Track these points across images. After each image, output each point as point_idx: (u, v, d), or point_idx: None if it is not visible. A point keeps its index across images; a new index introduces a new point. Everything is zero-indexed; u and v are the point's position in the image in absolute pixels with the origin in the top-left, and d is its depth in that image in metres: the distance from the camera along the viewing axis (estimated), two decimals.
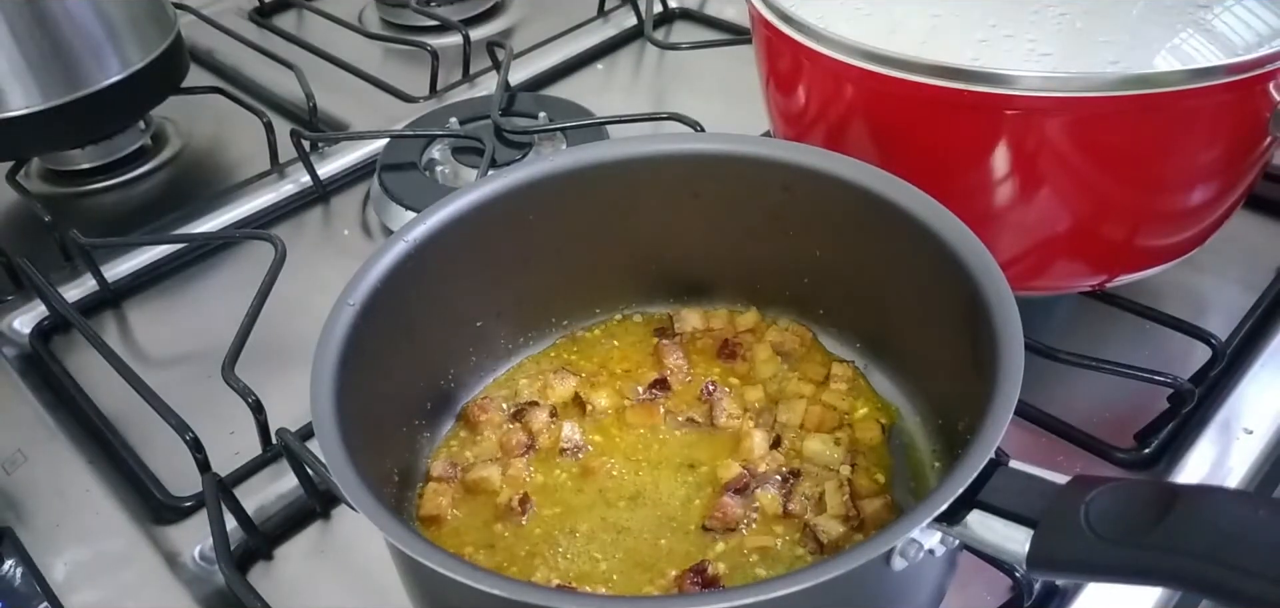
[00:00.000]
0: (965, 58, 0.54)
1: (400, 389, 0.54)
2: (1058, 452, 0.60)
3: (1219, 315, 0.67)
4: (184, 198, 0.89)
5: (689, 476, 0.54)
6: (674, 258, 0.62)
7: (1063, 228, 0.58)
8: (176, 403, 0.63)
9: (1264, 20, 0.55)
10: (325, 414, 0.44)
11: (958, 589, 0.47)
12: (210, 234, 0.82)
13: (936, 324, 0.52)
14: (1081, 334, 0.65)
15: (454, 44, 1.04)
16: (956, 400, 0.49)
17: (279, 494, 0.61)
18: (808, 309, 0.61)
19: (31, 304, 0.76)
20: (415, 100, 0.99)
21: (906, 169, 0.54)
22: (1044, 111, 0.53)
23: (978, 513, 0.39)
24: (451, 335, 0.58)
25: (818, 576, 0.36)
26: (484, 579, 0.38)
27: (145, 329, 0.76)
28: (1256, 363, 0.63)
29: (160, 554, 0.58)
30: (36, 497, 0.62)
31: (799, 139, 0.64)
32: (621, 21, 1.09)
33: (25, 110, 0.81)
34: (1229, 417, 0.60)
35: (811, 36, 0.59)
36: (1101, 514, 0.36)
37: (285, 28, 1.15)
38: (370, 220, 0.84)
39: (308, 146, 0.88)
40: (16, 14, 0.79)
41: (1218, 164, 0.57)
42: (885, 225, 0.53)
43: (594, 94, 0.96)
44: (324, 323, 0.48)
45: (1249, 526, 0.34)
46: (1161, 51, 0.54)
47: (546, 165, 0.58)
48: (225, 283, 0.79)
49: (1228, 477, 0.57)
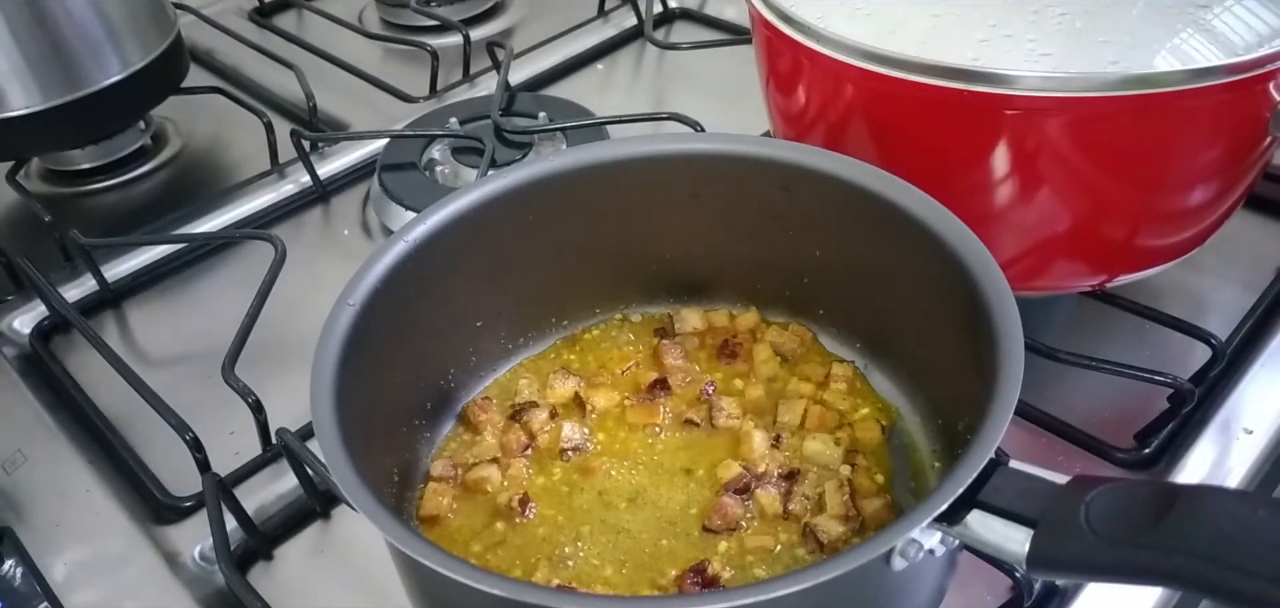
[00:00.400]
0: (965, 58, 0.54)
1: (400, 389, 0.54)
2: (1058, 452, 0.59)
3: (1219, 315, 0.67)
4: (184, 198, 0.89)
5: (689, 476, 0.54)
6: (674, 258, 0.62)
7: (1063, 228, 0.58)
8: (176, 403, 0.63)
9: (1264, 20, 0.55)
10: (325, 414, 0.44)
11: (958, 589, 0.47)
12: (210, 234, 0.82)
13: (936, 324, 0.52)
14: (1081, 334, 0.65)
15: (454, 44, 1.04)
16: (956, 400, 0.49)
17: (279, 494, 0.61)
18: (808, 309, 0.61)
19: (31, 304, 0.76)
20: (415, 100, 0.99)
21: (907, 169, 0.53)
22: (1044, 111, 0.53)
23: (978, 513, 0.39)
24: (451, 335, 0.58)
25: (818, 576, 0.36)
26: (484, 579, 0.38)
27: (145, 329, 0.76)
28: (1256, 363, 0.63)
29: (160, 554, 0.58)
30: (36, 497, 0.62)
31: (799, 139, 0.64)
32: (621, 21, 1.09)
33: (25, 110, 0.81)
34: (1229, 417, 0.60)
35: (811, 36, 0.59)
36: (1101, 514, 0.36)
37: (285, 28, 1.15)
38: (370, 220, 0.84)
39: (308, 147, 0.88)
40: (16, 14, 0.79)
41: (1218, 164, 0.57)
42: (885, 226, 0.53)
43: (594, 94, 0.96)
44: (324, 323, 0.48)
45: (1249, 525, 0.34)
46: (1161, 51, 0.53)
47: (546, 165, 0.58)
48: (225, 283, 0.79)
49: (1228, 477, 0.57)
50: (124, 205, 0.91)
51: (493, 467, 0.54)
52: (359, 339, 0.48)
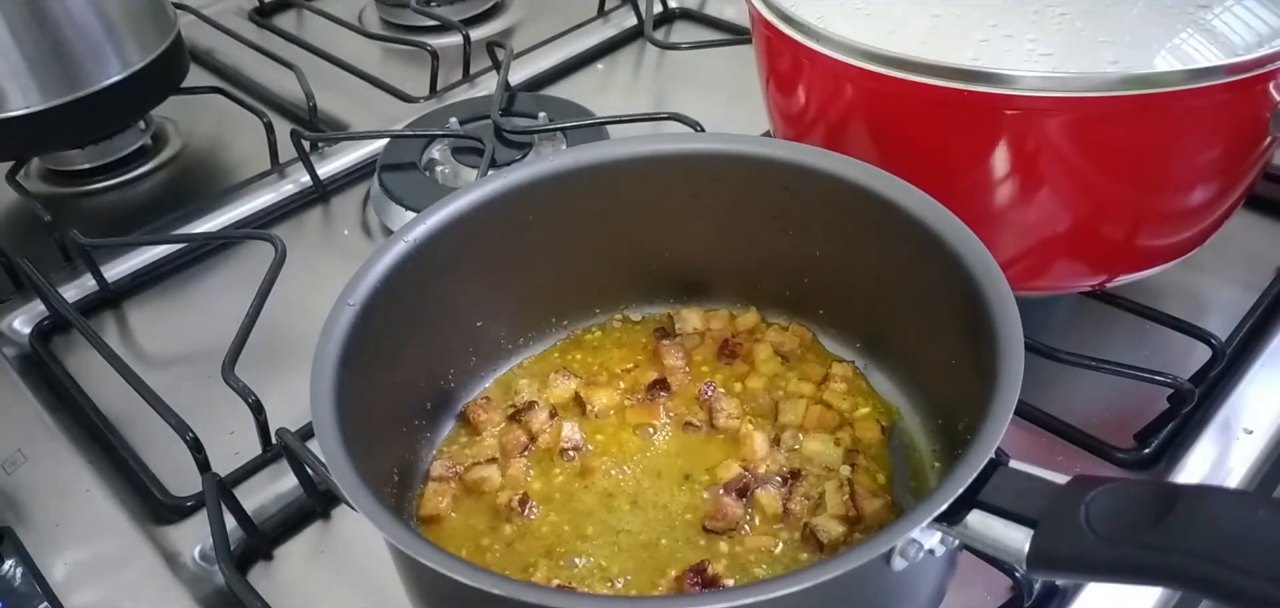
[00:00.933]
0: (965, 58, 0.54)
1: (400, 389, 0.54)
2: (1058, 452, 0.59)
3: (1219, 315, 0.67)
4: (184, 198, 0.89)
5: (689, 477, 0.53)
6: (674, 258, 0.62)
7: (1063, 228, 0.58)
8: (176, 403, 0.63)
9: (1264, 20, 0.55)
10: (325, 414, 0.44)
11: (958, 590, 0.47)
12: (210, 234, 0.82)
13: (936, 324, 0.51)
14: (1081, 334, 0.65)
15: (454, 44, 1.03)
16: (956, 400, 0.49)
17: (279, 495, 0.61)
18: (808, 309, 0.61)
19: (31, 304, 0.76)
20: (415, 100, 0.99)
21: (906, 169, 0.53)
22: (1044, 111, 0.53)
23: (978, 513, 0.39)
24: (451, 335, 0.58)
25: (818, 576, 0.36)
26: (484, 579, 0.38)
27: (145, 329, 0.76)
28: (1256, 363, 0.63)
29: (160, 554, 0.58)
30: (36, 497, 0.62)
31: (799, 139, 0.64)
32: (621, 21, 1.09)
33: (25, 110, 0.81)
34: (1229, 417, 0.60)
35: (811, 36, 0.59)
36: (1101, 514, 0.36)
37: (285, 28, 1.15)
38: (370, 220, 0.84)
39: (308, 146, 0.88)
40: (16, 14, 0.79)
41: (1218, 164, 0.57)
42: (885, 225, 0.53)
43: (594, 94, 0.96)
44: (324, 323, 0.48)
45: (1249, 525, 0.34)
46: (1161, 51, 0.53)
47: (546, 165, 0.58)
48: (225, 283, 0.79)
49: (1228, 477, 0.57)
50: (124, 205, 0.91)
51: (492, 467, 0.54)
52: (359, 339, 0.48)
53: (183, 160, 0.96)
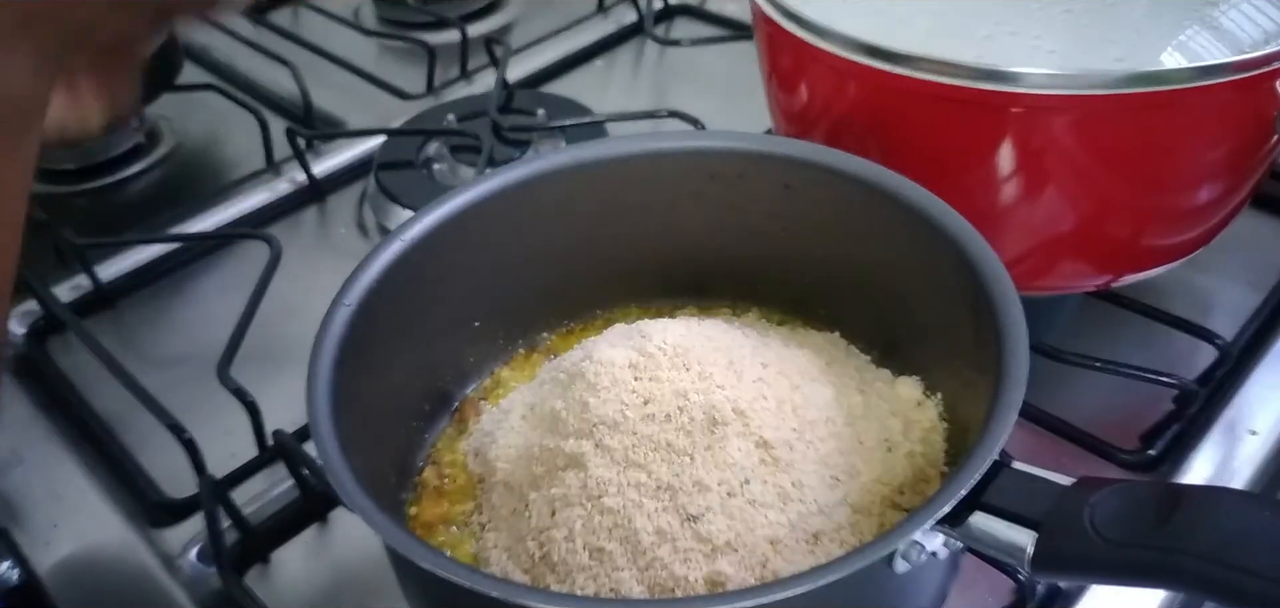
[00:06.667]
0: (969, 55, 0.53)
1: (397, 390, 0.53)
2: (1062, 453, 0.59)
3: (1225, 316, 0.66)
4: (178, 197, 0.89)
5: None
6: (674, 257, 0.61)
7: (1067, 227, 0.58)
8: (172, 404, 0.62)
9: (1271, 17, 0.55)
10: (321, 415, 0.44)
11: (960, 592, 0.47)
12: (205, 234, 0.82)
13: (939, 324, 0.51)
14: (1086, 335, 0.65)
15: (451, 40, 1.03)
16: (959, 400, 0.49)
17: (275, 496, 0.60)
18: (809, 309, 0.60)
19: (25, 305, 0.76)
20: (412, 98, 0.98)
21: (910, 167, 0.53)
22: (1049, 109, 0.53)
23: (981, 515, 0.38)
24: (449, 335, 0.57)
25: (819, 578, 0.36)
26: (482, 580, 0.38)
27: (140, 330, 0.76)
28: (1262, 364, 0.62)
29: (156, 556, 0.58)
30: (32, 498, 0.61)
31: (801, 137, 0.64)
32: (621, 18, 1.09)
33: None
34: (1235, 418, 0.59)
35: (814, 33, 0.59)
36: (1106, 516, 0.36)
37: (280, 24, 1.14)
38: (366, 219, 0.84)
39: (303, 144, 0.87)
40: None
41: (1224, 162, 0.57)
42: (888, 224, 0.53)
43: (593, 91, 0.95)
44: (320, 323, 0.48)
45: (1254, 527, 0.34)
46: (1167, 49, 0.53)
47: (545, 164, 0.58)
48: (220, 283, 0.79)
49: (1233, 478, 0.57)
50: (118, 204, 0.90)
51: None
52: (355, 340, 0.48)
53: (177, 159, 0.96)
